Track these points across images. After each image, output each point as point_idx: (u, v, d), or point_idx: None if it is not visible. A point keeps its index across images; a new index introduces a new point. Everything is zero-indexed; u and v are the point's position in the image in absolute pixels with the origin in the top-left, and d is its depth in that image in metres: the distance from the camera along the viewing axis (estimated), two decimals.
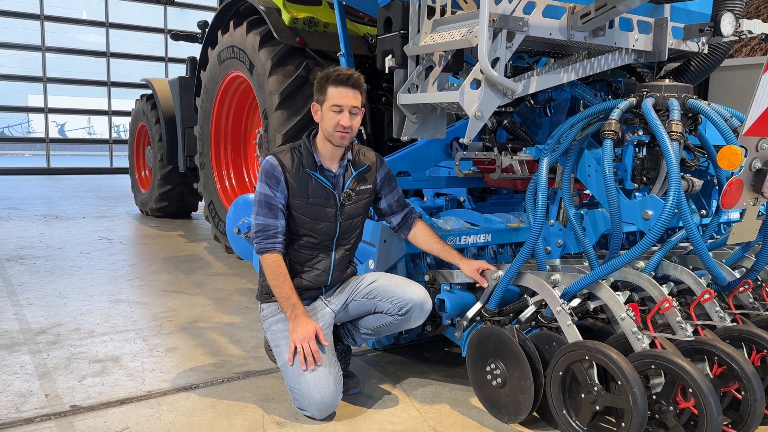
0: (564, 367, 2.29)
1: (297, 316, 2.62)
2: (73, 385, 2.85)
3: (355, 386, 2.83)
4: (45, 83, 16.61)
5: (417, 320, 2.70)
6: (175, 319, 3.89)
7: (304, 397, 2.52)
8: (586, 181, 2.84)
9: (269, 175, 2.64)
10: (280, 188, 2.63)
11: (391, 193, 2.89)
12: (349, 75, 2.60)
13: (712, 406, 2.00)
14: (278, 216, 2.64)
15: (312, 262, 2.74)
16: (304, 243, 2.71)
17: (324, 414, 2.53)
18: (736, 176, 2.04)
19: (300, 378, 2.54)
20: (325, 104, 2.61)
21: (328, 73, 2.61)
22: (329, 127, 2.61)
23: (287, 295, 2.62)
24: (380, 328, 2.77)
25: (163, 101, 7.87)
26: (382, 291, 2.69)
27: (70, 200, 10.50)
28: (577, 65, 2.97)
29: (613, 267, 2.39)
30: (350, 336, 2.90)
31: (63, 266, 5.33)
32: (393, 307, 2.66)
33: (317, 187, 2.67)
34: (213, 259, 5.81)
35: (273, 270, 2.62)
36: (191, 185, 7.83)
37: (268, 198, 2.63)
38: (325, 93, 2.60)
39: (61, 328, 3.66)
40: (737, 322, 2.51)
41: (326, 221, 2.70)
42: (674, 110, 2.51)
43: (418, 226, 2.88)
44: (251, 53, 4.96)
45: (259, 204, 2.65)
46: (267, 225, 2.63)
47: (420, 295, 2.66)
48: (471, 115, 2.58)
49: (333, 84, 2.59)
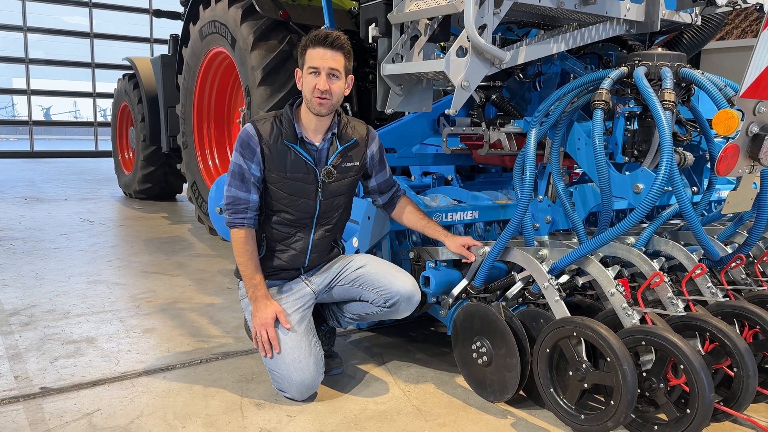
0: (551, 344, 2.22)
1: (257, 299, 2.50)
2: (45, 367, 2.75)
3: (337, 366, 2.74)
4: (27, 64, 16.29)
5: (404, 312, 2.59)
6: (154, 300, 3.78)
7: (283, 379, 2.44)
8: (576, 154, 2.75)
9: (244, 145, 2.48)
10: (255, 160, 2.48)
11: (381, 172, 2.74)
12: (328, 34, 2.41)
13: (705, 383, 1.93)
14: (250, 190, 2.49)
15: (289, 241, 2.59)
16: (281, 219, 2.56)
17: (304, 396, 2.45)
18: (732, 141, 1.95)
19: (279, 360, 2.44)
20: (306, 68, 2.43)
21: (309, 35, 2.44)
22: (307, 93, 2.44)
23: (250, 274, 2.51)
24: (365, 316, 2.68)
25: (145, 80, 7.70)
26: (369, 280, 2.57)
27: (53, 183, 10.31)
28: (567, 36, 2.87)
29: (602, 241, 2.31)
30: (335, 318, 2.80)
31: (41, 248, 5.20)
32: (379, 298, 2.55)
33: (296, 161, 2.50)
34: (196, 240, 5.70)
35: (239, 246, 2.50)
36: (175, 166, 7.68)
37: (242, 170, 2.48)
38: (305, 55, 2.43)
39: (35, 310, 3.55)
40: (729, 298, 2.44)
41: (305, 198, 2.54)
42: (667, 79, 2.41)
43: (402, 203, 2.77)
44: (233, 28, 4.82)
45: (232, 175, 2.51)
46: (238, 198, 2.50)
47: (408, 288, 2.54)
48: (457, 85, 2.48)
49: (312, 44, 2.41)
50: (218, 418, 2.30)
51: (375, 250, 2.95)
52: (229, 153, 6.04)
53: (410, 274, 2.64)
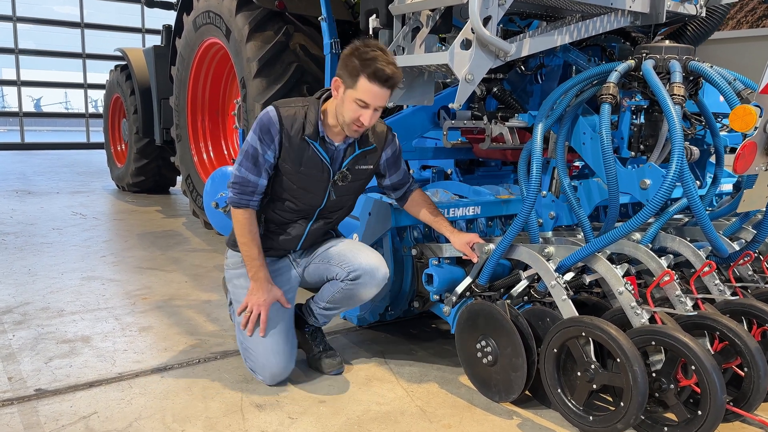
0: (559, 344, 2.17)
1: (259, 279, 2.52)
2: (39, 367, 2.68)
3: (338, 366, 2.70)
4: (17, 55, 16.06)
5: (368, 287, 2.55)
6: (150, 297, 3.72)
7: (258, 360, 2.51)
8: (581, 149, 2.69)
9: (264, 130, 2.41)
10: (272, 147, 2.43)
11: (397, 172, 2.72)
12: (390, 75, 2.24)
13: (717, 384, 1.89)
14: (261, 174, 2.45)
15: (287, 226, 2.61)
16: (285, 207, 2.56)
17: (276, 380, 2.52)
18: (750, 138, 1.90)
19: (259, 342, 2.51)
20: (352, 93, 2.28)
21: (368, 60, 2.22)
22: (347, 118, 2.34)
23: (254, 255, 2.51)
24: (333, 298, 2.62)
25: (137, 72, 7.58)
26: (336, 255, 2.60)
27: (44, 175, 10.19)
28: (571, 27, 2.81)
29: (610, 239, 2.26)
30: (312, 314, 2.77)
31: (33, 242, 5.11)
32: (342, 271, 2.56)
33: (313, 157, 2.47)
34: (191, 234, 5.62)
35: (243, 226, 2.49)
36: (169, 159, 7.58)
37: (256, 153, 2.42)
38: (356, 82, 2.26)
39: (28, 307, 3.48)
40: (737, 296, 2.40)
41: (314, 193, 2.54)
42: (676, 72, 2.35)
43: (414, 195, 2.75)
44: (228, 18, 4.72)
45: (245, 155, 2.44)
46: (247, 180, 2.45)
47: (372, 261, 2.54)
48: (461, 78, 2.41)
49: (370, 79, 2.24)
50: (218, 421, 2.25)
51: (376, 246, 2.90)
52: (224, 145, 5.96)
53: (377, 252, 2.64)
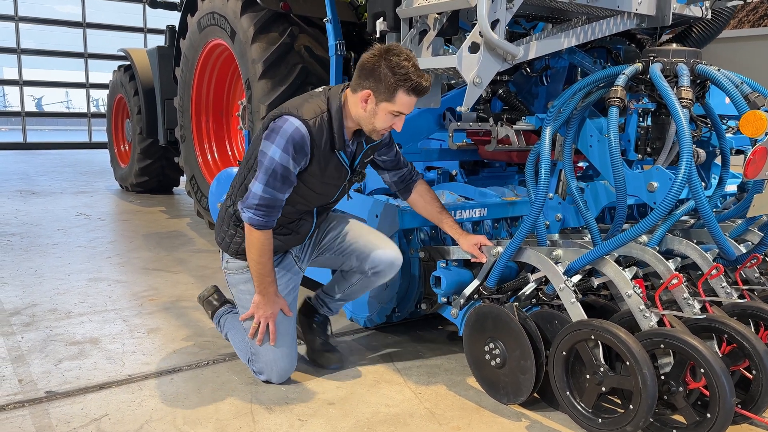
0: (568, 347, 2.19)
1: (269, 294, 2.52)
2: (49, 369, 2.70)
3: (337, 361, 2.77)
4: (19, 54, 16.05)
5: (386, 277, 2.67)
6: (157, 299, 3.73)
7: (266, 362, 2.55)
8: (588, 152, 2.71)
9: (298, 148, 2.30)
10: (303, 163, 2.36)
11: (390, 152, 2.71)
12: (427, 87, 2.28)
13: (726, 387, 1.90)
14: (286, 191, 2.38)
15: (293, 224, 2.57)
16: (296, 209, 2.52)
17: (283, 379, 2.58)
18: (761, 143, 1.91)
19: (268, 347, 2.55)
20: (388, 105, 2.28)
21: (404, 75, 2.21)
22: (379, 126, 2.34)
23: (267, 273, 2.47)
24: (351, 289, 2.74)
25: (141, 72, 7.59)
26: (349, 246, 2.64)
27: (47, 175, 10.20)
28: (578, 30, 2.82)
29: (618, 242, 2.27)
30: (325, 305, 2.83)
31: (39, 243, 5.13)
32: (361, 264, 2.62)
33: (338, 166, 2.46)
34: (196, 235, 5.63)
35: (262, 247, 2.41)
36: (172, 159, 7.58)
37: (287, 172, 2.32)
38: (394, 96, 2.25)
39: (36, 309, 3.49)
40: (745, 298, 2.41)
41: (327, 194, 2.56)
42: (683, 76, 2.36)
43: (419, 189, 2.74)
44: (233, 20, 4.73)
45: (273, 175, 2.30)
46: (275, 200, 2.35)
47: (389, 253, 2.61)
48: (469, 82, 2.43)
49: (409, 92, 2.25)
50: (229, 423, 2.27)
51: None
52: (228, 146, 5.97)
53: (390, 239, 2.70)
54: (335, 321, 3.37)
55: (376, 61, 2.24)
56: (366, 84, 2.28)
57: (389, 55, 2.22)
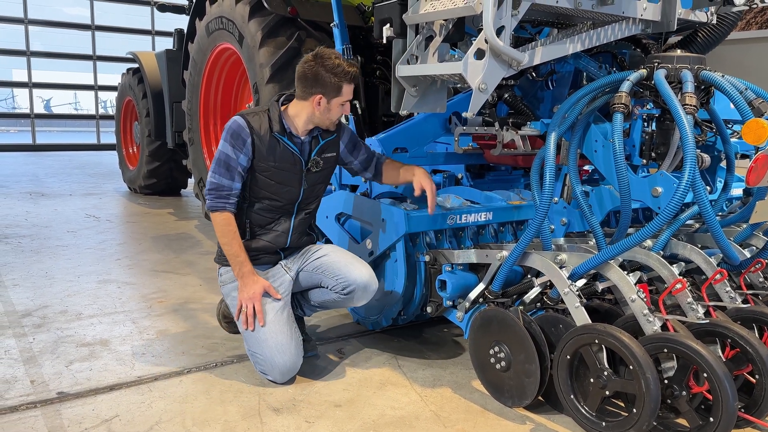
0: (572, 351, 2.21)
1: (244, 275, 2.67)
2: (60, 371, 2.74)
3: (312, 349, 2.91)
4: (29, 57, 16.20)
5: (360, 300, 2.76)
6: (166, 300, 3.78)
7: (266, 362, 2.60)
8: (593, 156, 2.73)
9: (235, 136, 2.63)
10: (245, 150, 2.64)
11: (360, 151, 2.96)
12: (355, 73, 2.66)
13: (729, 392, 1.92)
14: (234, 178, 2.65)
15: (272, 224, 2.79)
16: (266, 206, 2.75)
17: (286, 377, 2.62)
18: (762, 151, 1.93)
19: (263, 343, 2.61)
20: (338, 99, 2.65)
21: (340, 71, 2.60)
22: (334, 117, 2.70)
23: (235, 252, 2.66)
24: (325, 302, 2.86)
25: (149, 75, 7.66)
26: (329, 267, 2.75)
27: (56, 177, 10.29)
28: (583, 35, 2.84)
29: (623, 247, 2.29)
30: (299, 306, 2.96)
31: (49, 245, 5.18)
32: (337, 285, 2.73)
33: (284, 152, 2.70)
34: (204, 237, 5.68)
35: (222, 228, 2.66)
36: (180, 162, 7.64)
37: (228, 159, 2.64)
38: (341, 90, 2.64)
39: (47, 310, 3.54)
40: (749, 303, 2.43)
41: (290, 186, 2.74)
42: (687, 82, 2.38)
43: (385, 165, 2.99)
44: (240, 24, 4.78)
45: (218, 163, 2.65)
46: (221, 185, 2.65)
47: (364, 277, 2.70)
48: (475, 88, 2.45)
49: (347, 83, 2.64)
50: (237, 425, 2.30)
51: (389, 252, 2.94)
52: None
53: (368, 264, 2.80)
54: (343, 323, 3.41)
55: (315, 69, 2.60)
56: (314, 90, 2.62)
57: (323, 61, 2.60)
